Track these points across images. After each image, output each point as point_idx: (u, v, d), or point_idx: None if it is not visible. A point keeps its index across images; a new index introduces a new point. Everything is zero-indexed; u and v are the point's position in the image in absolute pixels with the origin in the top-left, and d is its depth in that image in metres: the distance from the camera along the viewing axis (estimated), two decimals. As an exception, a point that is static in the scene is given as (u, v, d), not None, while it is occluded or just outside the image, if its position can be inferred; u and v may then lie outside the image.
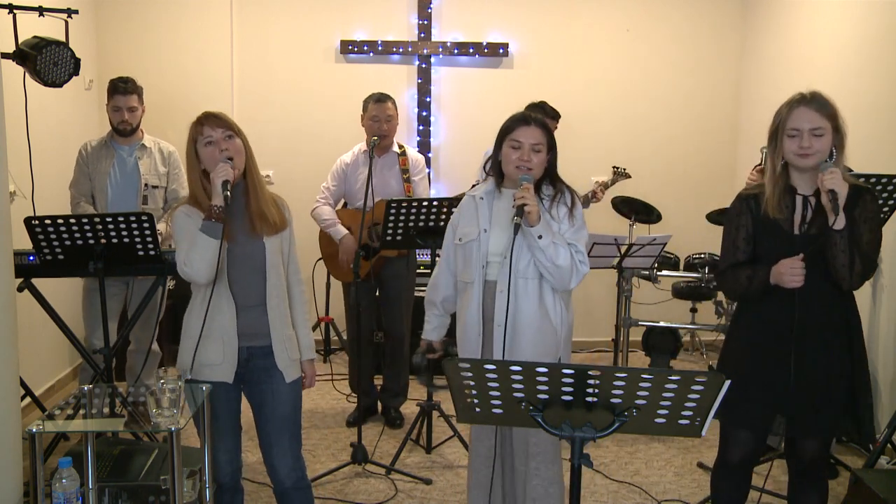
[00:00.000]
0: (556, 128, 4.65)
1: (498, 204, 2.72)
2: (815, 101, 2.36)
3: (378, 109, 4.13)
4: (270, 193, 2.62)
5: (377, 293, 4.34)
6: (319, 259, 4.67)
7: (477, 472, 2.83)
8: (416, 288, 4.52)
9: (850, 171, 3.01)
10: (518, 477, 2.75)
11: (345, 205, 4.37)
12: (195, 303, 2.54)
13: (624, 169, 4.93)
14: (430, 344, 2.91)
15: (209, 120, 2.48)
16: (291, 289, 2.67)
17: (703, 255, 5.13)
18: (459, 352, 2.80)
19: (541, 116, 2.70)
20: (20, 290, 3.14)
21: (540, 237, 2.54)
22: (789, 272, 2.35)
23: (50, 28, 3.51)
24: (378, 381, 4.52)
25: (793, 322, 2.39)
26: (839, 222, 2.29)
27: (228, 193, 2.40)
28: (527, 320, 2.63)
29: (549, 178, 2.72)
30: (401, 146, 4.32)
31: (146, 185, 4.02)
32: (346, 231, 4.16)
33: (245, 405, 2.64)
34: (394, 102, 4.20)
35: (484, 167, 2.87)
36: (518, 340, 2.63)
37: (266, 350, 2.55)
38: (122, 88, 3.95)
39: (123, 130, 4.01)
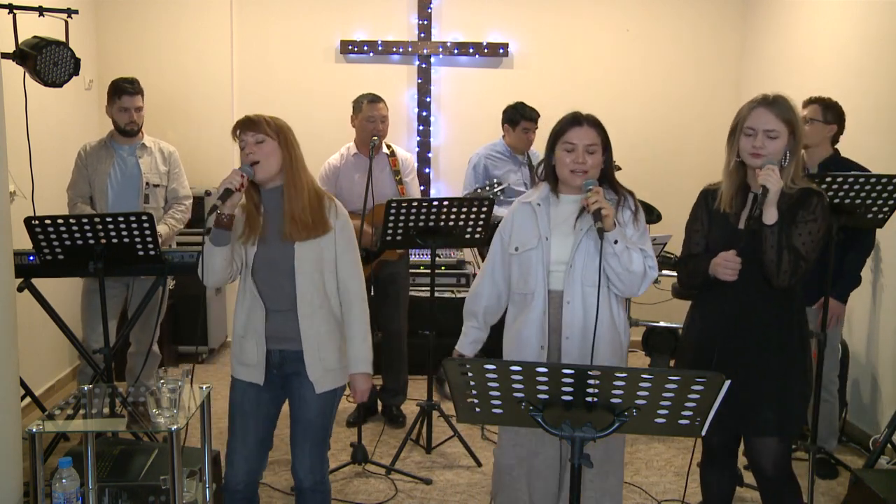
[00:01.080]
0: (535, 129, 4.65)
1: (556, 210, 2.59)
2: (776, 105, 2.41)
3: (373, 110, 4.12)
4: (320, 196, 2.53)
5: (373, 293, 4.34)
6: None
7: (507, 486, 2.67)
8: (416, 287, 4.53)
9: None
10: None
11: None
12: (237, 302, 2.57)
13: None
14: (462, 357, 2.72)
15: (243, 125, 2.49)
16: (345, 295, 2.56)
17: (703, 255, 5.12)
18: None
19: (592, 116, 2.59)
20: (20, 290, 3.14)
21: (616, 242, 2.42)
22: (723, 264, 2.41)
23: (50, 28, 3.51)
24: (377, 380, 4.52)
25: (728, 320, 2.45)
26: (769, 217, 2.35)
27: (220, 203, 2.36)
28: (599, 330, 2.46)
29: (608, 180, 2.61)
30: (389, 146, 4.29)
31: (147, 183, 4.02)
32: None
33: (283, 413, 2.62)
34: (385, 103, 4.19)
35: (536, 171, 2.73)
36: (594, 350, 2.45)
37: (297, 355, 2.51)
38: (129, 89, 3.94)
39: (131, 131, 3.99)
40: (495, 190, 4.03)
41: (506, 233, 2.68)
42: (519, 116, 4.65)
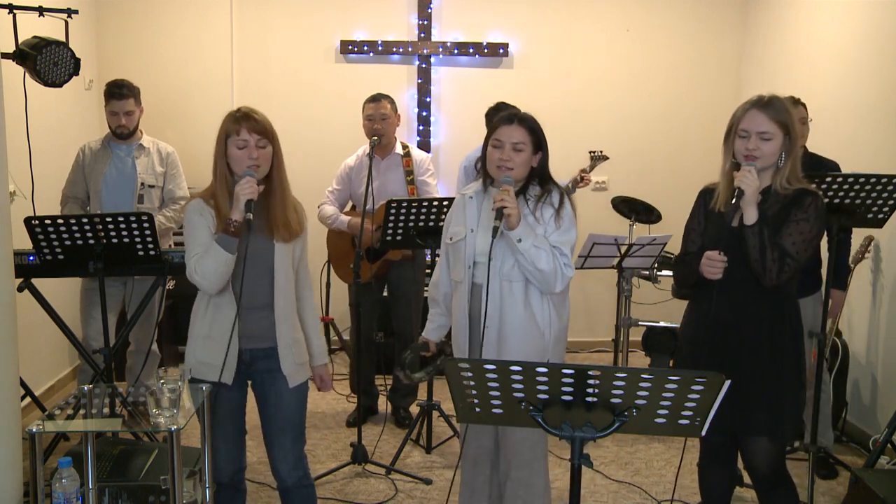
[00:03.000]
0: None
1: (486, 204, 2.69)
2: (770, 107, 2.42)
3: (372, 108, 4.12)
4: (294, 198, 2.60)
5: (384, 293, 4.36)
6: (326, 262, 4.66)
7: (466, 472, 2.85)
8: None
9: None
10: (501, 478, 2.78)
11: (353, 207, 4.37)
12: (200, 301, 2.54)
13: (601, 152, 4.93)
14: (426, 343, 2.89)
15: (248, 122, 2.43)
16: (302, 292, 2.65)
17: (703, 255, 5.12)
18: (454, 352, 2.80)
19: (529, 115, 2.65)
20: (20, 290, 3.14)
21: (520, 240, 2.51)
22: (708, 263, 2.42)
23: (50, 28, 3.51)
24: (378, 380, 4.52)
25: (716, 320, 2.46)
26: (749, 218, 2.37)
27: (251, 216, 2.37)
28: (512, 323, 2.61)
29: (539, 178, 2.67)
30: (405, 147, 4.31)
31: (142, 184, 4.02)
32: (349, 217, 4.17)
33: (251, 405, 2.63)
34: (391, 102, 4.19)
35: (475, 166, 2.83)
36: (504, 343, 2.62)
37: (269, 352, 2.53)
38: (117, 94, 3.94)
39: (121, 134, 4.01)
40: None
41: (447, 222, 2.83)
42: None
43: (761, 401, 2.44)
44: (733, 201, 2.37)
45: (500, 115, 2.65)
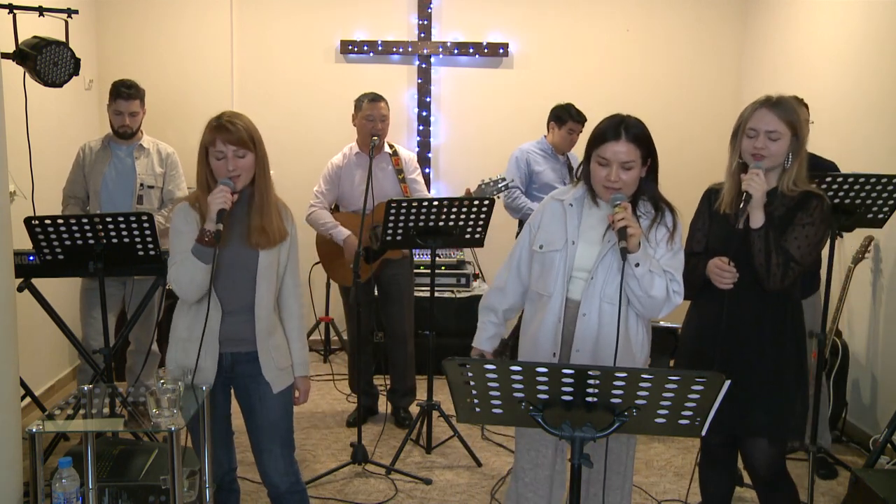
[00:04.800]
0: (580, 132, 4.68)
1: (588, 215, 2.44)
2: (779, 106, 2.41)
3: (373, 109, 4.11)
4: (279, 204, 2.55)
5: (376, 293, 4.34)
6: (316, 263, 4.64)
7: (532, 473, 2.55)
8: (416, 288, 4.52)
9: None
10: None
11: (336, 208, 4.31)
12: (182, 304, 2.53)
13: None
14: (482, 354, 2.64)
15: (222, 134, 2.39)
16: (287, 300, 2.60)
17: (703, 255, 5.12)
18: None
19: (636, 122, 2.41)
20: (20, 290, 3.14)
21: (637, 265, 2.26)
22: (718, 273, 2.41)
23: (50, 28, 3.51)
24: (378, 380, 4.52)
25: (720, 320, 2.44)
26: (755, 221, 2.35)
27: (221, 226, 2.34)
28: (609, 347, 2.31)
29: (648, 194, 2.42)
30: (391, 146, 4.30)
31: (142, 184, 4.02)
32: (349, 232, 4.10)
33: (235, 408, 2.63)
34: (386, 102, 4.19)
35: (576, 172, 2.57)
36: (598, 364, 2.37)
37: (251, 356, 2.51)
38: (125, 94, 3.94)
39: (124, 134, 4.01)
40: (499, 186, 4.03)
41: (534, 227, 2.53)
42: (567, 116, 4.73)
43: (763, 402, 2.44)
44: (741, 205, 2.35)
45: (606, 125, 2.37)
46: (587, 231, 2.42)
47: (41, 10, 3.43)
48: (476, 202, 3.65)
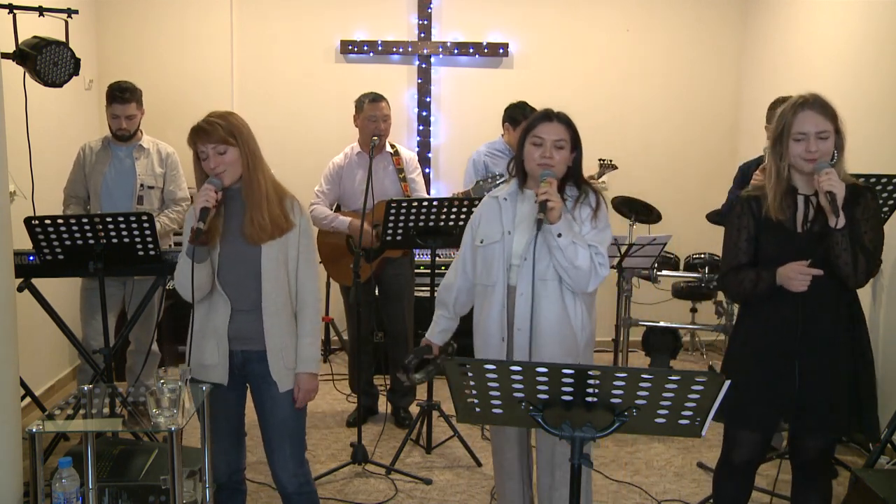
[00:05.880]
0: None
1: (521, 205, 2.63)
2: (818, 104, 2.37)
3: (375, 109, 4.11)
4: (281, 195, 2.52)
5: (377, 292, 4.34)
6: (318, 262, 4.63)
7: (502, 485, 2.82)
8: (416, 288, 4.52)
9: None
10: (542, 490, 2.70)
11: (338, 207, 4.32)
12: (199, 302, 2.54)
13: (610, 161, 4.94)
14: (430, 346, 2.81)
15: (198, 136, 2.40)
16: (304, 296, 2.56)
17: (703, 255, 5.13)
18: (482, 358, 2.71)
19: (565, 113, 2.60)
20: (20, 290, 3.14)
21: (559, 235, 2.45)
22: (798, 277, 2.35)
23: (50, 28, 3.51)
24: (378, 380, 4.52)
25: (798, 325, 2.40)
26: (839, 222, 2.31)
27: (202, 224, 2.34)
28: (547, 324, 2.54)
29: (574, 178, 2.62)
30: (393, 146, 4.30)
31: (142, 185, 4.02)
32: (351, 217, 4.11)
33: (249, 406, 2.63)
34: (387, 102, 4.19)
35: (508, 167, 2.75)
36: (539, 345, 2.55)
37: (261, 355, 2.51)
38: (119, 98, 3.93)
39: (121, 136, 4.01)
40: (497, 182, 4.02)
41: (475, 225, 2.74)
42: (521, 116, 4.65)
43: (845, 401, 2.44)
44: (829, 206, 2.28)
45: (538, 113, 2.59)
46: (522, 221, 2.61)
47: (41, 10, 3.43)
48: (476, 202, 3.64)
